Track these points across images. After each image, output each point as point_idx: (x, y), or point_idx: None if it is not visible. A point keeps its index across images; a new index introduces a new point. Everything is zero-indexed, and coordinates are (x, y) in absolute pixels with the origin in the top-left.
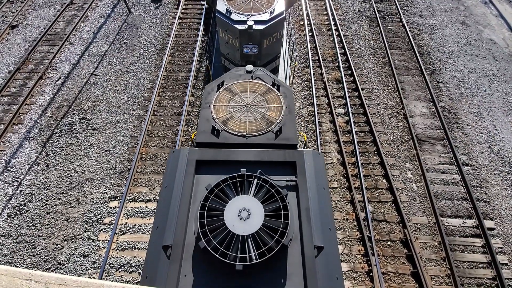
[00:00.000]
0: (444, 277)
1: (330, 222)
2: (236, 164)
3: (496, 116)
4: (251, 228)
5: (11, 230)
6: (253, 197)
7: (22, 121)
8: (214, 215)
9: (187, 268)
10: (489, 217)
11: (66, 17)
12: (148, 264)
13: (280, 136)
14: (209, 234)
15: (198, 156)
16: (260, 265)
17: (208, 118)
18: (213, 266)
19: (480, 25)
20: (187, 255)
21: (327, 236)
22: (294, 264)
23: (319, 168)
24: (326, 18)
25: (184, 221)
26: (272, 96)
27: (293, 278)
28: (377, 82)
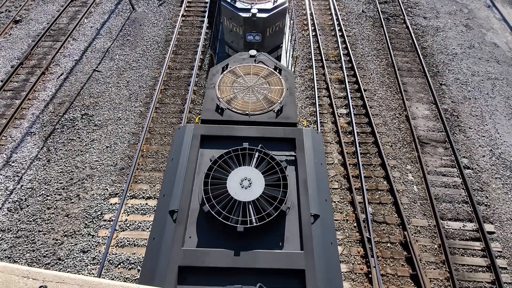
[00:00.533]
0: (443, 280)
1: (326, 194)
2: (238, 140)
3: (498, 119)
4: (252, 196)
5: (11, 225)
6: (254, 168)
7: (24, 116)
8: (218, 183)
9: (191, 231)
10: (489, 220)
11: (70, 12)
12: (155, 227)
13: (281, 115)
14: (212, 200)
15: (203, 131)
16: (260, 228)
17: (213, 98)
18: (216, 229)
19: (483, 28)
20: (192, 220)
21: (323, 206)
22: (291, 230)
23: (317, 145)
24: (330, 18)
25: (189, 189)
26: (274, 79)
27: (290, 241)
28: (380, 83)
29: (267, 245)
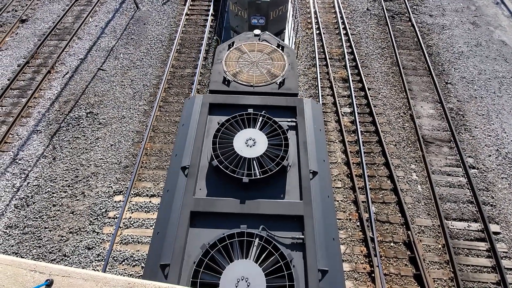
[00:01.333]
0: (447, 280)
1: (324, 155)
2: (244, 107)
3: (505, 119)
4: (256, 153)
5: (18, 221)
6: (258, 130)
7: (30, 114)
8: (225, 143)
9: (201, 184)
10: (495, 221)
11: (75, 12)
12: (168, 181)
13: (283, 86)
14: (220, 156)
15: (211, 100)
16: (263, 181)
17: (220, 71)
18: (224, 182)
19: (491, 25)
20: (202, 175)
21: (321, 165)
22: (292, 185)
23: (316, 113)
24: (334, 16)
25: (199, 147)
26: (277, 55)
27: (290, 194)
28: (384, 82)
29: (270, 195)
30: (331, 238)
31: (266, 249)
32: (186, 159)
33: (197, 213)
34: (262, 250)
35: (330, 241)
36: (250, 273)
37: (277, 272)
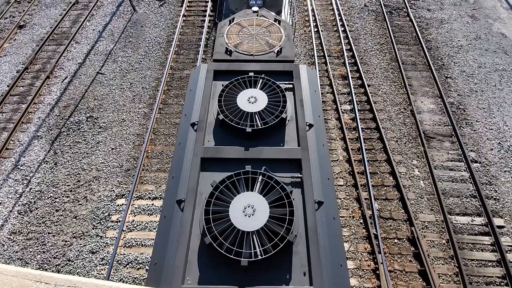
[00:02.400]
0: (452, 276)
1: (319, 112)
2: (245, 73)
3: (507, 112)
4: (258, 108)
5: (22, 227)
6: (259, 90)
7: (30, 120)
8: (229, 101)
9: (209, 137)
10: (499, 215)
11: (72, 16)
12: (180, 135)
13: (281, 55)
14: (226, 111)
15: (215, 67)
16: (265, 132)
17: (222, 43)
18: (229, 134)
19: (490, 18)
20: (209, 130)
21: (316, 119)
22: (290, 136)
23: (311, 77)
24: (332, 13)
25: (206, 106)
26: (274, 28)
27: (289, 143)
28: (384, 78)
29: (271, 144)
30: (326, 178)
31: (268, 184)
32: (195, 117)
33: (207, 159)
34: (265, 185)
35: (325, 181)
36: (255, 202)
37: (279, 204)
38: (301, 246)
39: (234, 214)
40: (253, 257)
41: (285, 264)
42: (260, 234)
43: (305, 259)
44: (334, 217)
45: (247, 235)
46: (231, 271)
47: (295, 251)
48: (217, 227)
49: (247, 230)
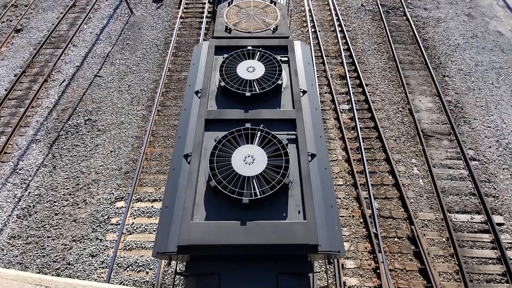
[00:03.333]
0: (453, 273)
1: (313, 81)
2: (243, 48)
3: (504, 109)
4: (255, 76)
5: (21, 231)
6: (257, 61)
7: (28, 124)
8: (230, 71)
9: (212, 103)
10: (498, 212)
11: (69, 19)
12: (185, 102)
13: (276, 32)
14: (226, 79)
15: (216, 43)
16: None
17: (222, 23)
18: (230, 100)
19: (487, 16)
20: (211, 97)
21: (310, 87)
22: (286, 100)
23: (305, 51)
24: (329, 13)
25: (209, 76)
26: (270, 9)
27: (285, 106)
28: (382, 77)
29: (268, 107)
30: (319, 136)
31: (266, 138)
32: (198, 86)
33: (210, 120)
34: (263, 139)
35: (318, 138)
36: (255, 153)
37: (276, 155)
38: (296, 190)
39: (236, 162)
40: (253, 197)
41: (281, 204)
42: (259, 178)
43: (299, 200)
44: (325, 167)
45: (247, 179)
46: (234, 209)
47: (290, 194)
48: (221, 174)
49: (247, 175)
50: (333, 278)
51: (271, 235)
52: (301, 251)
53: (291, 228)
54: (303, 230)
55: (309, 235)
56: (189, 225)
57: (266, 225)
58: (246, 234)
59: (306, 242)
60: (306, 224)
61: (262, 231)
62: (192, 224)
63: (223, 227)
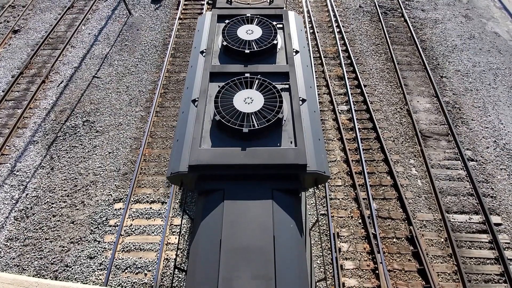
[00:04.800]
0: (451, 274)
1: (304, 43)
2: (243, 16)
3: (502, 110)
4: (254, 37)
5: (18, 233)
6: (255, 25)
7: (26, 125)
8: (231, 32)
9: (215, 60)
10: (496, 212)
11: (67, 20)
12: (191, 60)
13: (272, 4)
14: (228, 40)
15: (218, 12)
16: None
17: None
18: (231, 58)
19: (484, 18)
20: (215, 55)
21: (302, 49)
22: (280, 59)
23: (298, 21)
24: (327, 14)
25: (212, 38)
26: None
27: (280, 63)
28: (380, 78)
29: (265, 63)
30: (309, 86)
31: (263, 84)
32: (203, 46)
33: (214, 73)
34: (260, 86)
35: (308, 88)
36: (253, 95)
37: (271, 97)
38: (288, 126)
39: (237, 103)
40: (252, 128)
41: (276, 136)
42: (257, 114)
43: (291, 134)
44: (314, 110)
45: (247, 115)
46: (235, 140)
47: (284, 129)
48: (224, 111)
49: (247, 112)
50: (332, 279)
51: (267, 157)
52: (292, 170)
53: (284, 152)
54: (294, 154)
55: (299, 156)
56: (198, 150)
57: (263, 150)
58: (246, 156)
59: (296, 162)
60: (296, 149)
61: (260, 155)
62: (200, 149)
63: (226, 151)
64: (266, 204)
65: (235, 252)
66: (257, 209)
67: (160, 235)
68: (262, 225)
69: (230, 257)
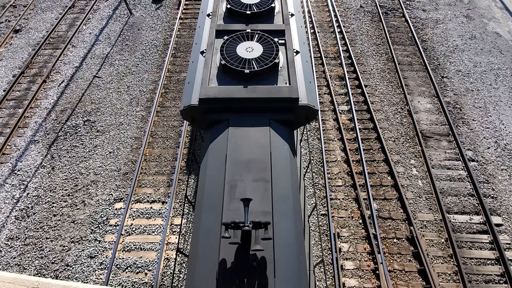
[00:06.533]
0: (452, 274)
1: (299, 8)
2: None
3: (503, 110)
4: (255, 1)
5: (19, 233)
6: None
7: (27, 125)
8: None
9: (220, 21)
10: (497, 213)
11: (68, 20)
12: (199, 22)
13: None
14: (231, 3)
15: None
16: (260, 15)
17: None
18: (234, 20)
19: (485, 18)
20: (219, 18)
21: (297, 14)
22: (277, 21)
23: None
24: (328, 14)
25: (217, 3)
26: None
27: (277, 23)
28: (381, 78)
29: (264, 24)
30: (303, 42)
31: (262, 37)
32: (209, 10)
33: (219, 31)
34: (259, 39)
35: (302, 44)
36: (254, 46)
37: (269, 47)
38: (284, 72)
39: (240, 51)
40: (252, 69)
41: (273, 78)
42: (257, 60)
43: (286, 77)
44: (307, 61)
45: (248, 60)
46: (238, 80)
47: (280, 73)
48: (229, 57)
49: (248, 57)
50: (332, 279)
51: (265, 92)
52: (286, 103)
53: (280, 89)
54: (288, 89)
55: (292, 91)
56: (207, 87)
57: (261, 87)
58: (247, 92)
59: (290, 96)
60: (290, 87)
61: (259, 90)
62: (208, 87)
63: (231, 88)
64: (264, 130)
65: (238, 164)
66: (257, 133)
67: (161, 235)
68: (261, 144)
69: (234, 167)
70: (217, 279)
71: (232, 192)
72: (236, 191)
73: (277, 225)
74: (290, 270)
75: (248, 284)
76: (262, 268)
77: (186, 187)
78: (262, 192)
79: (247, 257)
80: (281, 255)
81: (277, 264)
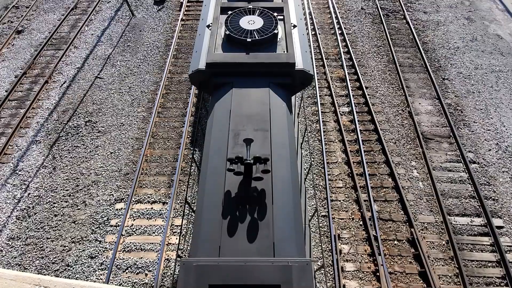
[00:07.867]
0: (452, 277)
1: None
2: None
3: (504, 112)
4: None
5: (20, 233)
6: None
7: (29, 125)
8: None
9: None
10: (498, 215)
11: (70, 21)
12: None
13: None
14: None
15: None
16: None
17: None
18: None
19: (486, 20)
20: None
21: None
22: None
23: None
24: (329, 16)
25: None
26: None
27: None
28: (382, 80)
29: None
30: (300, 18)
31: (263, 12)
32: None
33: (224, 8)
34: (260, 13)
35: (299, 20)
36: (255, 19)
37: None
38: (282, 42)
39: (242, 23)
40: (254, 38)
41: (272, 48)
42: (258, 31)
43: (284, 47)
44: (303, 34)
45: (250, 31)
46: (241, 46)
47: (278, 44)
48: (233, 28)
49: (250, 29)
50: (333, 281)
51: (265, 58)
52: (284, 68)
53: (279, 55)
54: (286, 56)
55: (289, 57)
56: (213, 53)
57: (262, 54)
58: (249, 57)
59: (287, 61)
60: (287, 54)
61: (259, 56)
62: (214, 53)
63: (234, 54)
64: (265, 91)
65: (241, 117)
66: (258, 93)
67: (161, 236)
68: (261, 101)
69: (237, 119)
70: (223, 206)
71: (236, 139)
72: (239, 138)
73: (275, 163)
74: (286, 199)
75: (249, 210)
76: (262, 197)
77: (186, 188)
78: (262, 139)
79: (249, 189)
80: (278, 187)
81: (275, 195)
